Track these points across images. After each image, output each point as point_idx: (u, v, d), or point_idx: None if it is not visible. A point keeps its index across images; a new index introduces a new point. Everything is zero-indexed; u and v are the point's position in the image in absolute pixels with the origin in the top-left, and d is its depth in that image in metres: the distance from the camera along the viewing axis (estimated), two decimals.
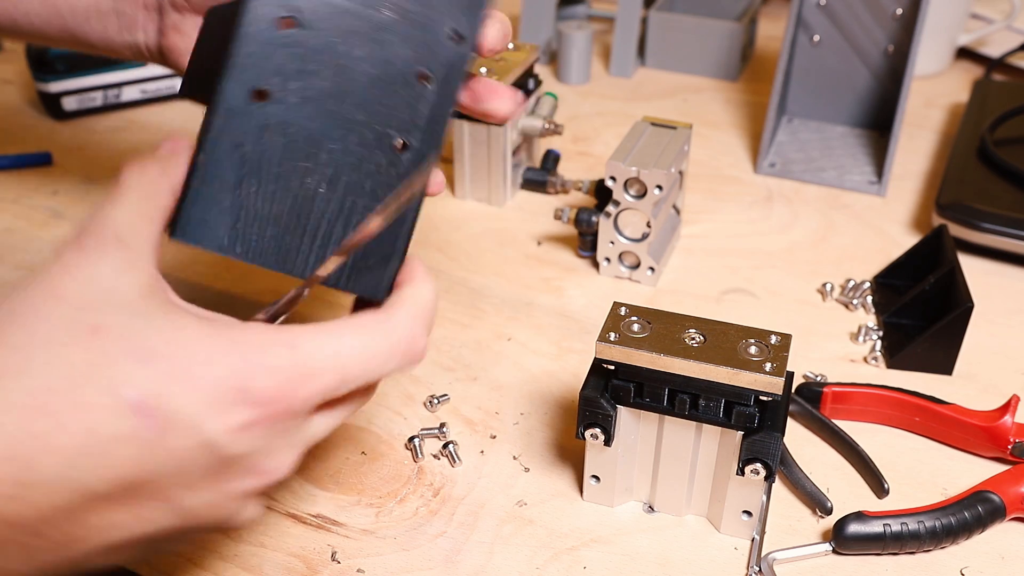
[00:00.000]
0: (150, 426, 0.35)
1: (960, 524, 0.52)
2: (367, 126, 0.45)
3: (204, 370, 0.36)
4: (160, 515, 0.37)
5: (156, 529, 0.38)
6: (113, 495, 0.36)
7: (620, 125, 0.95)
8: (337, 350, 0.39)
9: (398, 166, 0.45)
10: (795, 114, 0.94)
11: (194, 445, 0.36)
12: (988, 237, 0.74)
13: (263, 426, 0.38)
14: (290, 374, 0.38)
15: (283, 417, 0.38)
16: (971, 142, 0.84)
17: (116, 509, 0.36)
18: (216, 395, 0.36)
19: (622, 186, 0.69)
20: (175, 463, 0.36)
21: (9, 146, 0.89)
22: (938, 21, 1.00)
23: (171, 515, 0.38)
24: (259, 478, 0.39)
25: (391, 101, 0.45)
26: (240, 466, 0.38)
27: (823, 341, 0.68)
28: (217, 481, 0.38)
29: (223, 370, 0.37)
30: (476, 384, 0.64)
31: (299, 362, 0.38)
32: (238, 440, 0.37)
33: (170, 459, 0.36)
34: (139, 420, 0.35)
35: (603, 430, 0.51)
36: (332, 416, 0.42)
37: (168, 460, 0.36)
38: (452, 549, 0.52)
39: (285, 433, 0.39)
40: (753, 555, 0.52)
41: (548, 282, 0.73)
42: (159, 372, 0.36)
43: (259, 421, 0.37)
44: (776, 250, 0.78)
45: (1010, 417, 0.57)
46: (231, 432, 0.37)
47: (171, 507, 0.37)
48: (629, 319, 0.51)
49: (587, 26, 1.02)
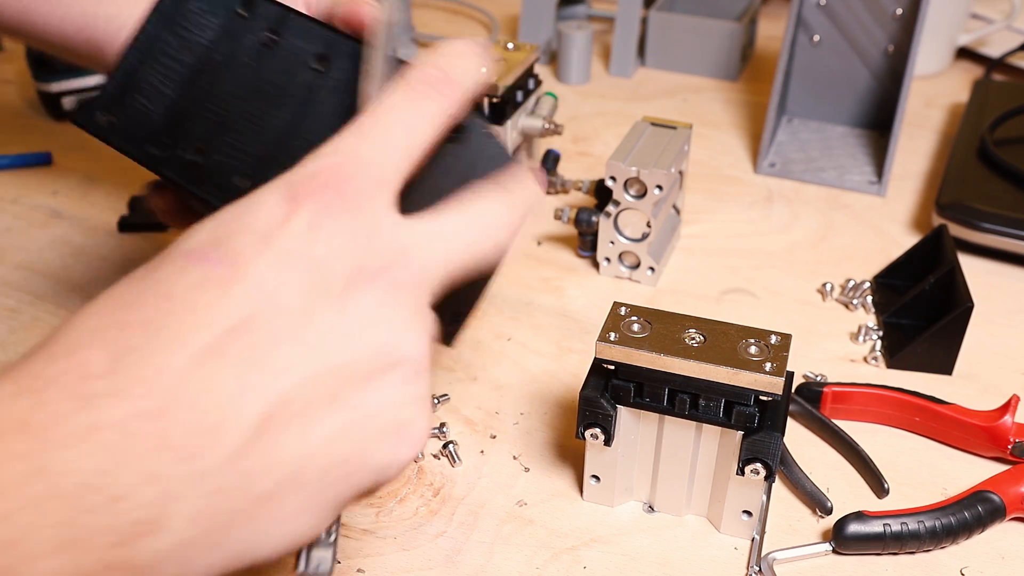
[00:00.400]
0: (215, 264, 0.31)
1: (960, 524, 0.52)
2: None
3: (248, 202, 0.33)
4: (307, 372, 0.31)
5: (318, 407, 0.31)
6: (230, 354, 0.30)
7: (620, 125, 0.95)
8: (380, 138, 0.35)
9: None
10: (795, 114, 0.94)
11: (270, 263, 0.31)
12: (988, 237, 0.74)
13: (325, 214, 0.32)
14: (332, 163, 0.34)
15: (343, 200, 0.33)
16: (971, 142, 0.84)
17: (247, 369, 0.30)
18: (264, 210, 0.32)
19: (622, 186, 0.69)
20: (266, 291, 0.31)
21: (9, 146, 0.89)
22: (938, 21, 1.00)
23: (322, 372, 0.31)
24: (390, 289, 0.33)
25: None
26: (343, 272, 0.32)
27: (823, 341, 0.68)
28: (341, 302, 0.32)
29: (266, 192, 0.33)
30: (476, 384, 0.64)
31: (340, 151, 0.34)
32: (309, 239, 0.32)
33: (256, 288, 0.31)
34: (201, 265, 0.31)
35: (603, 430, 0.51)
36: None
37: (255, 289, 0.31)
38: (452, 549, 0.52)
39: (362, 221, 0.33)
40: (753, 555, 0.52)
41: (548, 282, 0.73)
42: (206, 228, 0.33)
43: (318, 211, 0.32)
44: (776, 250, 0.78)
45: (1010, 417, 0.57)
46: (297, 233, 0.32)
47: (308, 354, 0.31)
48: (629, 319, 0.51)
49: (587, 26, 1.02)
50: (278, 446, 0.30)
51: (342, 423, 0.32)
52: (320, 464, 0.31)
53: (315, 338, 0.31)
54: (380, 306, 0.32)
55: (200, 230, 0.33)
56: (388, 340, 0.32)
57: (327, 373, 0.31)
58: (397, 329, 0.33)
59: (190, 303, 0.30)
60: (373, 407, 0.32)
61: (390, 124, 0.35)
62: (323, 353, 0.31)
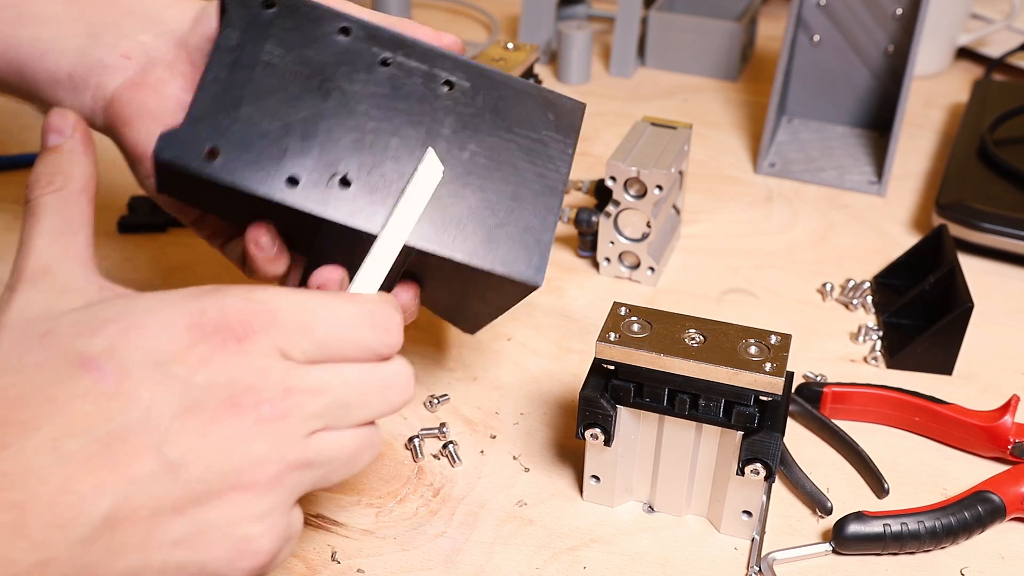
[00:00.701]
0: (104, 376, 0.34)
1: (960, 524, 0.52)
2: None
3: (154, 318, 0.36)
4: (160, 484, 0.34)
5: (166, 502, 0.35)
6: (93, 459, 0.33)
7: (620, 125, 0.95)
8: (298, 301, 0.38)
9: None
10: (795, 114, 0.94)
11: (154, 384, 0.35)
12: (988, 237, 0.74)
13: (220, 351, 0.36)
14: (244, 308, 0.37)
15: (241, 343, 0.36)
16: (971, 142, 0.84)
17: (107, 474, 0.33)
18: (168, 335, 0.36)
19: (622, 186, 0.69)
20: (142, 408, 0.34)
21: (9, 146, 0.89)
22: (938, 21, 1.00)
23: (173, 484, 0.34)
24: (257, 422, 0.36)
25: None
26: (217, 402, 0.35)
27: (823, 341, 0.68)
28: (206, 425, 0.35)
29: (174, 313, 0.36)
30: (476, 384, 0.64)
31: (254, 299, 0.37)
32: (198, 370, 0.35)
33: (134, 404, 0.34)
34: (92, 375, 0.34)
35: (603, 430, 0.51)
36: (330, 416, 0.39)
37: (132, 405, 0.34)
38: (452, 549, 0.52)
39: (252, 364, 0.36)
40: (753, 555, 0.52)
41: (548, 282, 0.73)
42: (110, 333, 0.35)
43: (214, 347, 0.36)
44: (776, 250, 0.78)
45: (1010, 417, 0.57)
46: (188, 363, 0.35)
47: (164, 468, 0.34)
48: (629, 319, 0.51)
49: (587, 26, 1.02)
50: (120, 546, 0.34)
51: (183, 533, 0.35)
52: (158, 566, 0.35)
53: (174, 454, 0.35)
54: (242, 435, 0.36)
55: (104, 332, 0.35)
56: (240, 465, 0.36)
57: (177, 486, 0.35)
58: (255, 458, 0.36)
59: (70, 411, 0.34)
60: (216, 521, 0.35)
61: (322, 321, 0.39)
62: (177, 467, 0.35)
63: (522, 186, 0.49)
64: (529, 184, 0.49)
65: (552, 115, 0.50)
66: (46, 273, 0.38)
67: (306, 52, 0.47)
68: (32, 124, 0.93)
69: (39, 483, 0.32)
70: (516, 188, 0.49)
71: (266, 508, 0.36)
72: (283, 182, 0.45)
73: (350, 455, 0.39)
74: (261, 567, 0.37)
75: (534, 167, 0.49)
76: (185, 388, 0.35)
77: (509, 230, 0.48)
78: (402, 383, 0.41)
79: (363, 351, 0.39)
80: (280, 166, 0.45)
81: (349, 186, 0.46)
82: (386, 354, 0.40)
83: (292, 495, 0.38)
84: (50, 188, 0.41)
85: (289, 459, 0.37)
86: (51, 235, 0.40)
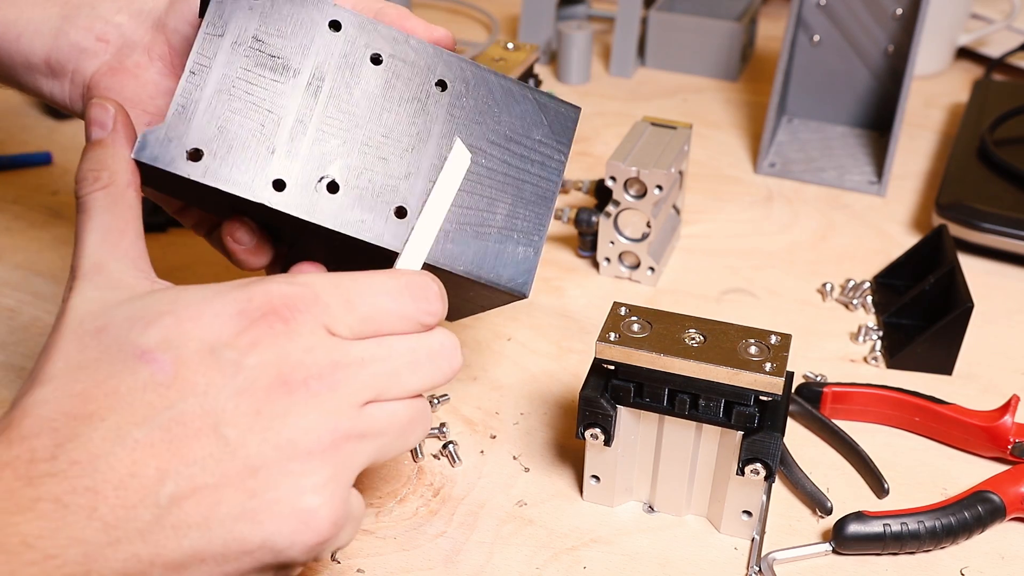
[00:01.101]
0: (161, 367, 0.36)
1: (960, 524, 0.52)
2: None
3: (205, 308, 0.37)
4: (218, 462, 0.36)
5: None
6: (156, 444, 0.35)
7: (620, 125, 0.95)
8: (338, 281, 0.40)
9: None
10: (795, 114, 0.94)
11: (208, 370, 0.36)
12: (988, 237, 0.74)
13: (268, 334, 0.37)
14: (288, 291, 0.38)
15: (288, 324, 0.38)
16: (971, 142, 0.84)
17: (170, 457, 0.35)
18: (219, 323, 0.37)
19: (622, 186, 0.69)
20: (198, 394, 0.36)
21: (9, 146, 0.89)
22: (938, 21, 1.00)
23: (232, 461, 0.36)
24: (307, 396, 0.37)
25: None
26: (268, 381, 0.37)
27: (823, 341, 0.68)
28: (260, 403, 0.36)
29: (223, 302, 0.38)
30: (476, 384, 0.64)
31: (297, 283, 0.39)
32: (248, 353, 0.37)
33: (190, 390, 0.36)
34: (150, 367, 0.36)
35: (603, 430, 0.51)
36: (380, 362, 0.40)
37: (189, 391, 0.36)
38: (452, 549, 0.52)
39: (299, 343, 0.38)
40: (753, 555, 0.52)
41: (548, 282, 0.73)
42: (164, 325, 0.37)
43: (262, 330, 0.37)
44: (776, 250, 0.78)
45: (1010, 417, 0.57)
46: (239, 347, 0.37)
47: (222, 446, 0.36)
48: (629, 319, 0.51)
49: (587, 26, 1.02)
50: (185, 524, 0.35)
51: (243, 507, 0.36)
52: (221, 541, 0.36)
53: (231, 433, 0.36)
54: (293, 408, 0.37)
55: (158, 324, 0.37)
56: (293, 435, 0.37)
57: (236, 462, 0.36)
58: (307, 428, 0.37)
59: (132, 403, 0.36)
60: (275, 494, 0.36)
61: (364, 296, 0.40)
62: (234, 445, 0.36)
63: (514, 193, 0.48)
64: (522, 191, 0.49)
65: (546, 119, 0.49)
66: (99, 270, 0.40)
67: (295, 46, 0.45)
68: (32, 125, 0.93)
69: (108, 469, 0.34)
70: (508, 195, 0.48)
71: (323, 479, 0.37)
72: (269, 185, 0.44)
73: (402, 426, 0.40)
74: (321, 542, 0.37)
75: (527, 174, 0.49)
76: (237, 371, 0.36)
77: (499, 238, 0.48)
78: (448, 351, 0.42)
79: (406, 321, 0.41)
80: (267, 168, 0.44)
81: (337, 191, 0.45)
82: (429, 323, 0.41)
83: (349, 468, 0.38)
84: (97, 185, 0.42)
85: (342, 429, 0.38)
86: (101, 232, 0.41)
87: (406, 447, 0.41)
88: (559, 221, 0.74)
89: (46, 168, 0.86)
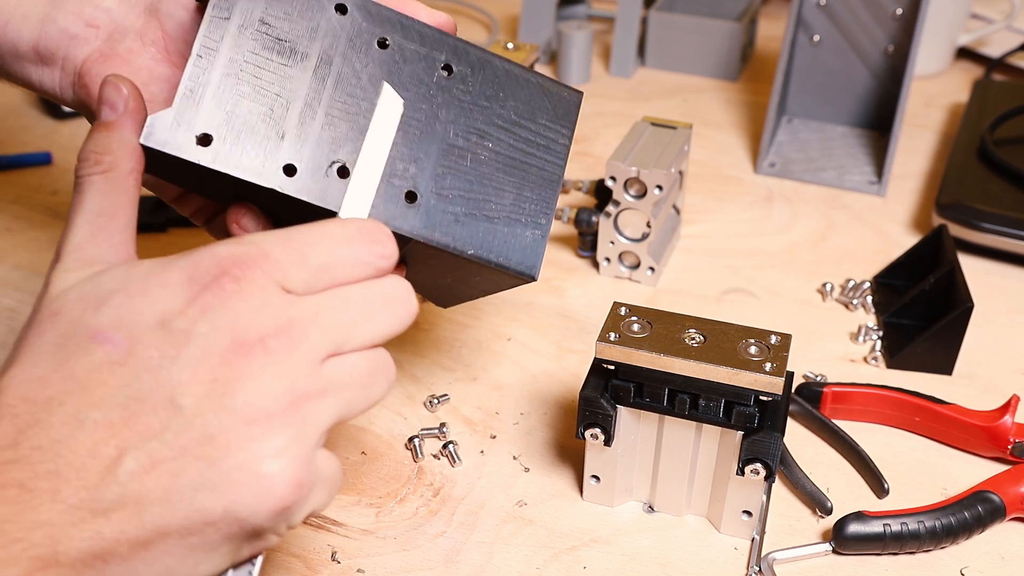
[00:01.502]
0: (115, 346, 0.36)
1: (960, 524, 0.52)
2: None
3: (154, 279, 0.37)
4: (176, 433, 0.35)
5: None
6: (115, 424, 0.35)
7: (620, 125, 0.95)
8: (288, 235, 0.39)
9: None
10: (795, 114, 0.94)
11: (160, 343, 0.36)
12: (988, 237, 0.74)
13: (218, 297, 0.36)
14: (236, 251, 0.37)
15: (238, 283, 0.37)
16: (971, 142, 0.84)
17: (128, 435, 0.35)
18: (167, 292, 0.36)
19: (622, 186, 0.69)
20: (152, 368, 0.35)
21: (9, 146, 0.89)
22: (938, 21, 1.00)
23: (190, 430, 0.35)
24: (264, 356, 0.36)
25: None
26: (223, 345, 0.36)
27: (823, 341, 0.68)
28: (215, 370, 0.36)
29: (171, 272, 0.37)
30: (476, 384, 0.64)
31: (245, 242, 0.38)
32: (199, 320, 0.36)
33: (144, 366, 0.35)
34: (104, 347, 0.36)
35: (603, 430, 0.51)
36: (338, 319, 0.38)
37: (143, 368, 0.35)
38: (452, 549, 0.52)
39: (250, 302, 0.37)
40: (753, 555, 0.52)
41: (548, 282, 0.73)
42: (114, 303, 0.37)
43: (213, 294, 0.36)
44: (776, 250, 0.78)
45: (1010, 417, 0.57)
46: (189, 315, 0.36)
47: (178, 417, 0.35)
48: (629, 319, 0.51)
49: (587, 26, 1.02)
50: (146, 499, 0.35)
51: (203, 477, 0.35)
52: (183, 514, 0.35)
53: (187, 402, 0.35)
54: (249, 370, 0.36)
55: (109, 303, 0.37)
56: (249, 398, 0.36)
57: (194, 430, 0.35)
58: (264, 389, 0.36)
59: (88, 385, 0.35)
60: (234, 460, 0.35)
61: (317, 246, 0.39)
62: (191, 413, 0.35)
63: (521, 177, 0.49)
64: (528, 175, 0.49)
65: (550, 103, 0.50)
66: (79, 253, 0.39)
67: (301, 29, 0.45)
68: (32, 125, 0.93)
69: (69, 452, 0.34)
70: (514, 178, 0.48)
71: (284, 442, 0.36)
72: (280, 171, 0.44)
73: (364, 379, 0.39)
74: (285, 507, 0.36)
75: (533, 157, 0.49)
76: (189, 339, 0.36)
77: (507, 221, 0.48)
78: (403, 294, 0.40)
79: (362, 267, 0.39)
80: (277, 153, 0.44)
81: (347, 175, 0.45)
82: (385, 267, 0.40)
83: (312, 429, 0.37)
84: (98, 168, 0.41)
85: (300, 388, 0.37)
86: (91, 216, 0.40)
87: (371, 401, 0.39)
88: (559, 221, 0.74)
89: (46, 168, 0.86)
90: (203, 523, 0.35)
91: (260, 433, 0.35)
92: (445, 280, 0.53)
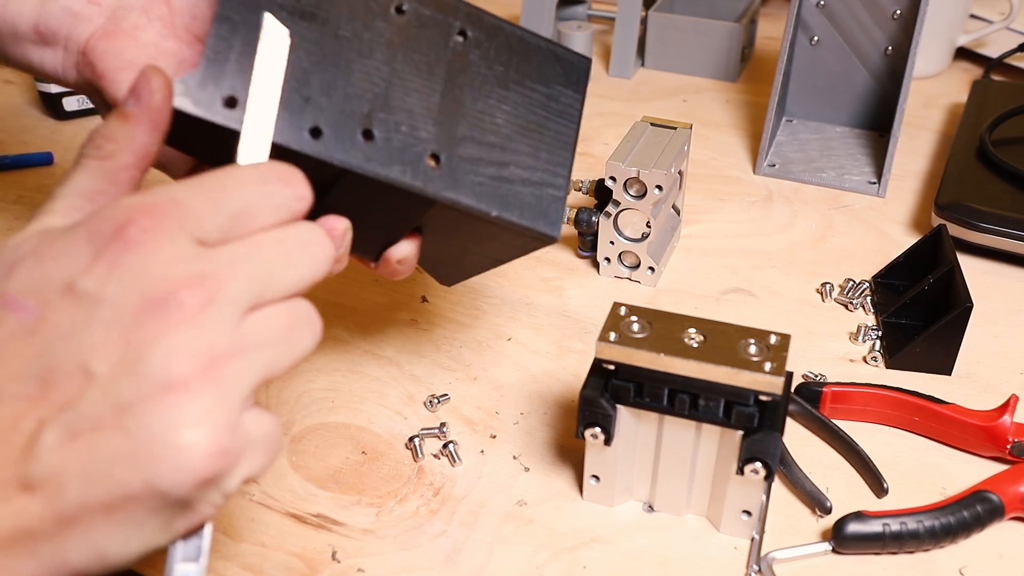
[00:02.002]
0: (28, 313, 0.34)
1: (959, 524, 0.52)
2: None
3: (63, 240, 0.35)
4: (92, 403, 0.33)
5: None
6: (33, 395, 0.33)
7: (620, 125, 0.95)
8: (199, 182, 0.37)
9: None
10: (795, 115, 0.94)
11: (70, 307, 0.34)
12: (987, 237, 0.74)
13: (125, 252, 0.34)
14: (143, 202, 0.35)
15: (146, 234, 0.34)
16: (970, 142, 0.84)
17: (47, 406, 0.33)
18: (73, 254, 0.35)
19: (622, 186, 0.69)
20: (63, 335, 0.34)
21: (10, 146, 0.89)
22: (937, 22, 1.00)
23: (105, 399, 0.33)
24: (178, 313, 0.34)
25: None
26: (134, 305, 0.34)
27: (823, 341, 0.68)
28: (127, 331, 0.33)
29: (77, 229, 0.35)
30: (476, 384, 0.64)
31: (154, 192, 0.36)
32: (107, 280, 0.34)
33: (56, 333, 0.34)
34: (16, 314, 0.34)
35: (603, 430, 0.52)
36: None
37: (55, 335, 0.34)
38: (452, 549, 0.53)
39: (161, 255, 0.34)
40: (753, 555, 0.52)
41: (548, 282, 0.74)
42: (26, 268, 0.35)
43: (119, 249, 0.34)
44: (776, 250, 0.78)
45: (1009, 417, 0.57)
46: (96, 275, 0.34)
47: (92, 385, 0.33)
48: (629, 319, 0.51)
49: (587, 26, 1.02)
50: (66, 474, 0.33)
51: (121, 450, 0.33)
52: (103, 489, 0.33)
53: (101, 369, 0.33)
54: (164, 331, 0.34)
55: (21, 268, 0.35)
56: (165, 362, 0.33)
57: (108, 400, 0.33)
58: (179, 351, 0.34)
59: (4, 355, 0.34)
60: (151, 430, 0.33)
61: (230, 191, 0.37)
62: (104, 381, 0.33)
63: (536, 139, 0.49)
64: (544, 137, 0.50)
65: (561, 68, 0.51)
66: (40, 226, 0.37)
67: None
68: (33, 125, 0.93)
69: None
70: (531, 141, 0.49)
71: (203, 409, 0.33)
72: (307, 133, 0.43)
73: (285, 332, 0.36)
74: (209, 478, 0.34)
75: (548, 120, 0.50)
76: (99, 301, 0.34)
77: (526, 183, 0.49)
78: (318, 237, 0.39)
79: (279, 211, 0.38)
80: (303, 116, 0.43)
81: (372, 138, 0.45)
82: (300, 209, 0.38)
83: (234, 391, 0.34)
84: (97, 153, 0.39)
85: (219, 347, 0.34)
86: (71, 194, 0.39)
87: (296, 356, 0.37)
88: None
89: (47, 168, 0.86)
90: (124, 498, 0.33)
91: (177, 400, 0.33)
92: (460, 249, 0.53)
